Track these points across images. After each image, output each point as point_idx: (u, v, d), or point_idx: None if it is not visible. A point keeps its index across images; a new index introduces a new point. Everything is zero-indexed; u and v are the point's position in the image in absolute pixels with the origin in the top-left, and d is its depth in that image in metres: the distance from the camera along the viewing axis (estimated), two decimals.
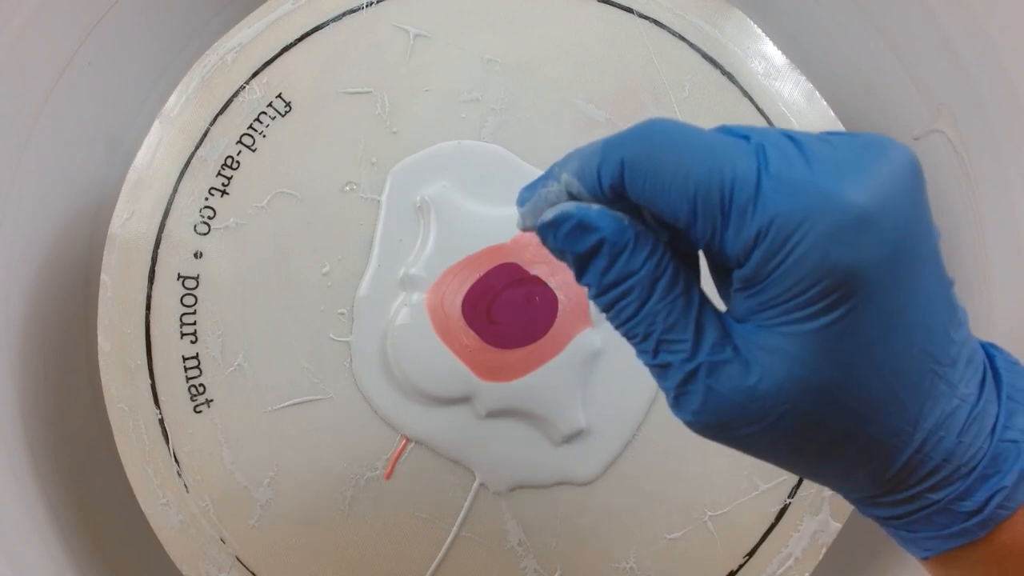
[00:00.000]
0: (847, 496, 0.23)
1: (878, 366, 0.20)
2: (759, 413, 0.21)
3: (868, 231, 0.19)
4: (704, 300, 0.22)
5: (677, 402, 0.22)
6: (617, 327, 0.22)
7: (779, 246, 0.19)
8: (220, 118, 0.37)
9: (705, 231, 0.20)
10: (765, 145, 0.20)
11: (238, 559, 0.36)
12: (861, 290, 0.19)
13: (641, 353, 0.22)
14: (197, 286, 0.36)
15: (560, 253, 0.23)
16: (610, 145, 0.21)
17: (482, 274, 0.36)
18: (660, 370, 0.22)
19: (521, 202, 0.24)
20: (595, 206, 0.22)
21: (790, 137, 0.20)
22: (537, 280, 0.36)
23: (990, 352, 0.23)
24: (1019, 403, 0.22)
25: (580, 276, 0.23)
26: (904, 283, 0.20)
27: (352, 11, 0.37)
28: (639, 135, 0.21)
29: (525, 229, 0.24)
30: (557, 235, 0.22)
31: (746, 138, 0.21)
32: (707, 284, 0.23)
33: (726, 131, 0.21)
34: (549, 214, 0.22)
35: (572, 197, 0.23)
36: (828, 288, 0.19)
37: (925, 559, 0.23)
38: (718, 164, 0.20)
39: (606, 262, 0.22)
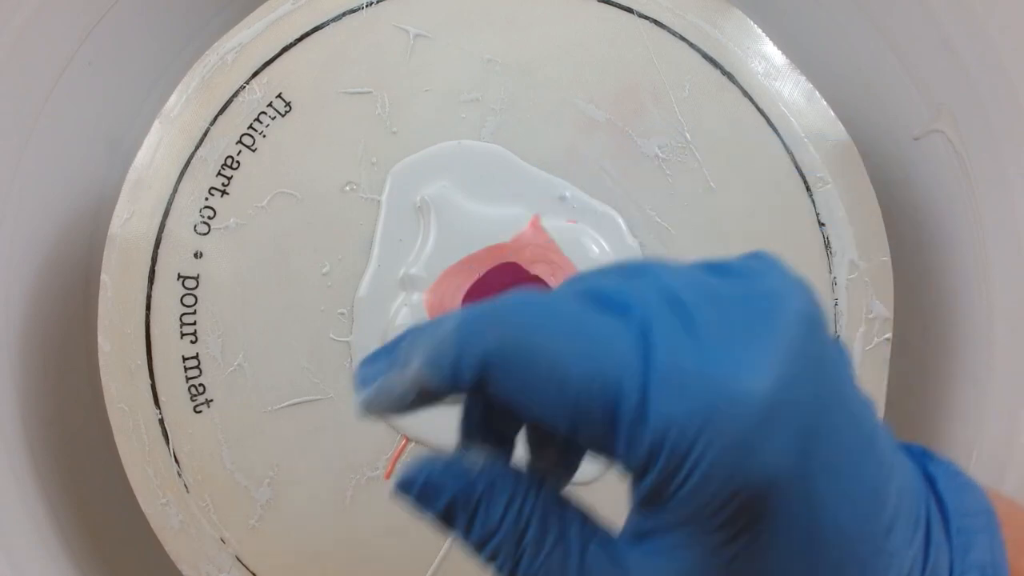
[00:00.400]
0: None
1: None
2: None
3: (777, 425, 0.16)
4: (587, 538, 0.19)
5: None
6: None
7: (677, 465, 0.16)
8: (220, 118, 0.37)
9: (592, 444, 0.17)
10: (649, 321, 0.17)
11: (238, 559, 0.36)
12: (778, 495, 0.16)
13: None
14: (197, 286, 0.36)
15: (422, 516, 0.20)
16: (467, 334, 0.17)
17: (482, 274, 0.36)
18: None
19: (363, 382, 0.20)
20: (442, 459, 0.19)
21: (676, 299, 0.17)
22: (537, 280, 0.36)
23: (926, 467, 0.20)
24: (969, 532, 0.19)
25: (450, 535, 0.20)
26: (824, 465, 0.17)
27: (352, 11, 0.37)
28: (501, 322, 0.17)
29: (368, 417, 0.20)
30: (409, 501, 0.19)
31: (625, 308, 0.17)
32: None
33: (601, 298, 0.18)
34: (394, 479, 0.20)
35: (425, 390, 0.19)
36: (741, 507, 0.16)
37: None
38: (597, 364, 0.17)
39: (465, 522, 0.19)
